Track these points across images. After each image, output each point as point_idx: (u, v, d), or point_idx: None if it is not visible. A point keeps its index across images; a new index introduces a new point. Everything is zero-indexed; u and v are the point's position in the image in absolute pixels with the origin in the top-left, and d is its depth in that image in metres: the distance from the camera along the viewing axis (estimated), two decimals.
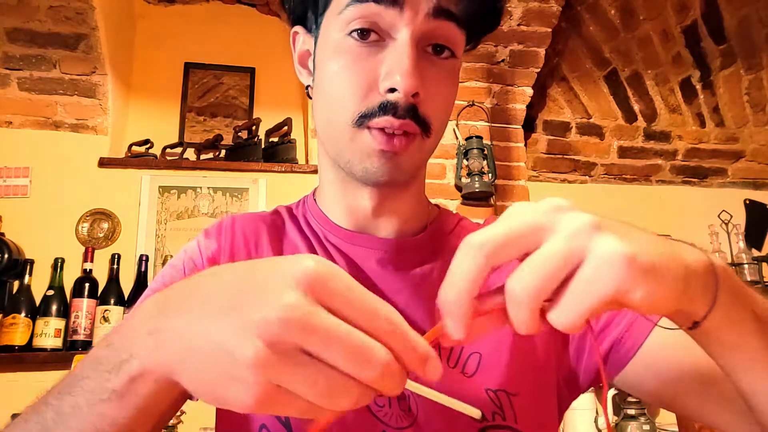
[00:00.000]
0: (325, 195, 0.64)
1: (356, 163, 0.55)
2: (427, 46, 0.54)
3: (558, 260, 0.31)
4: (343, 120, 0.54)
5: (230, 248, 0.63)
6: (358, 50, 0.53)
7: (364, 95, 0.53)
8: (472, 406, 0.55)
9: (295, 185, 2.24)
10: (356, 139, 0.54)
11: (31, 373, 1.86)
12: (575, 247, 0.31)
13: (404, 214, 0.63)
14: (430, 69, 0.54)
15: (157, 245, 2.12)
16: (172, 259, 0.64)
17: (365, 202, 0.60)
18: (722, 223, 2.95)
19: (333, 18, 0.55)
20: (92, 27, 2.04)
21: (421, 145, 0.55)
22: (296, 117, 2.45)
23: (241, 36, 2.59)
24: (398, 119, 0.52)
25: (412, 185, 0.62)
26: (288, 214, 0.68)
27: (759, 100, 2.91)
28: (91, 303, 1.93)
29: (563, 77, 2.80)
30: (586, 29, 2.65)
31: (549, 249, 0.31)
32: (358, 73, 0.53)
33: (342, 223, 0.63)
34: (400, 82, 0.51)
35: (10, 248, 1.93)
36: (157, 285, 0.62)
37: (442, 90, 0.56)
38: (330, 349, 0.28)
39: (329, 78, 0.56)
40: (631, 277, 0.30)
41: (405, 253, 0.62)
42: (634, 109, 2.94)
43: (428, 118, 0.54)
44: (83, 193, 2.10)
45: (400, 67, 0.51)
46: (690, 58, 2.77)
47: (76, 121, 2.17)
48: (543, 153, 2.87)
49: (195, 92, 2.51)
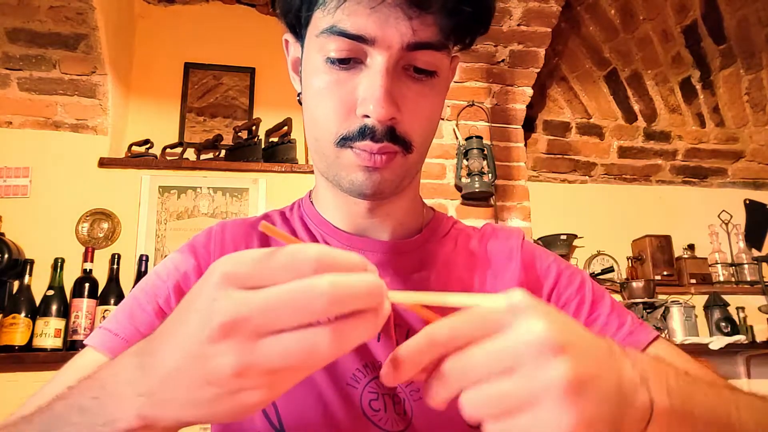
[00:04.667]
0: (322, 198, 0.65)
1: (343, 177, 0.56)
2: (406, 66, 0.54)
3: (518, 397, 0.31)
4: (327, 140, 0.56)
5: (219, 253, 0.62)
6: (337, 74, 0.54)
7: (344, 118, 0.54)
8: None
9: (295, 185, 2.24)
10: (340, 157, 0.55)
11: (31, 373, 1.86)
12: (538, 394, 0.30)
13: (399, 217, 0.64)
14: (409, 88, 0.54)
15: (157, 245, 2.12)
16: (158, 266, 0.63)
17: (360, 207, 0.61)
18: (722, 223, 2.95)
19: (312, 38, 0.55)
20: (92, 27, 2.04)
21: (402, 162, 0.56)
22: (296, 117, 2.45)
23: (241, 36, 2.59)
24: (377, 143, 0.53)
25: (405, 191, 0.62)
26: (281, 218, 0.68)
27: (759, 100, 2.91)
28: (91, 303, 1.94)
29: (563, 77, 2.81)
30: (585, 29, 2.65)
31: (517, 382, 0.31)
32: (337, 95, 0.54)
33: (340, 226, 0.63)
34: (372, 111, 0.52)
35: (10, 248, 1.93)
36: (139, 292, 0.60)
37: (422, 108, 0.56)
38: (275, 318, 0.29)
39: (312, 97, 0.57)
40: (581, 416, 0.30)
41: (402, 256, 0.63)
42: (634, 109, 2.94)
43: (408, 136, 0.55)
44: (83, 193, 2.10)
45: (372, 95, 0.51)
46: (690, 58, 2.77)
47: (76, 121, 2.17)
48: (543, 153, 2.87)
49: (195, 92, 2.51)
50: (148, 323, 0.57)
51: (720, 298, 2.70)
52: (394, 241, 0.63)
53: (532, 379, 0.31)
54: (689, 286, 2.72)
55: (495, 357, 0.31)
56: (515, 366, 0.31)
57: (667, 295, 2.67)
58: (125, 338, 0.55)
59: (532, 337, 0.31)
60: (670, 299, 2.63)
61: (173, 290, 0.59)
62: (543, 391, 0.30)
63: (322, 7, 0.52)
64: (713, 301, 2.69)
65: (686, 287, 2.72)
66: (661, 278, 2.69)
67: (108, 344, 0.55)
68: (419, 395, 0.56)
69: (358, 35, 0.51)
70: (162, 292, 0.59)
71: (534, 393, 0.30)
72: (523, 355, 0.31)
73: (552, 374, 0.30)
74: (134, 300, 0.59)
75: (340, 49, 0.52)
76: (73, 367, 0.56)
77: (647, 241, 2.75)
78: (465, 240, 0.67)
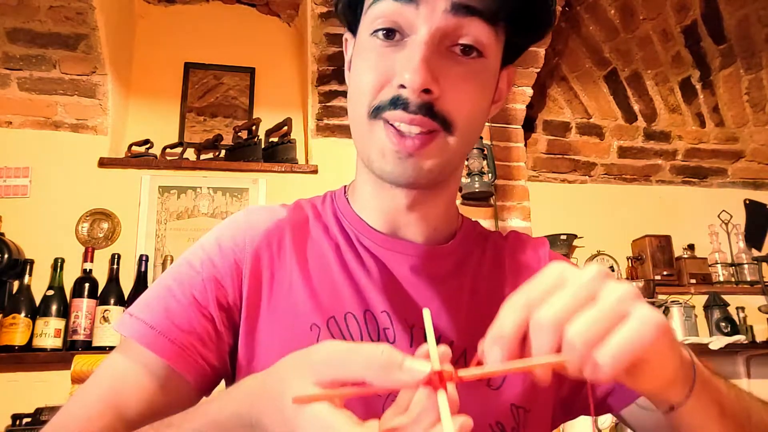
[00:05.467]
0: (359, 194, 0.64)
1: (374, 161, 0.55)
2: (452, 45, 0.54)
3: (609, 316, 0.35)
4: (361, 113, 0.55)
5: (253, 249, 0.60)
6: (381, 49, 0.54)
7: (379, 89, 0.54)
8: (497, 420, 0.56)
9: (295, 185, 2.24)
10: (373, 131, 0.55)
11: (31, 373, 1.86)
12: (622, 309, 0.36)
13: (435, 220, 0.62)
14: (453, 67, 0.53)
15: (157, 245, 2.12)
16: (189, 254, 0.61)
17: (398, 202, 0.60)
18: (722, 223, 2.95)
19: (363, 20, 0.57)
20: (92, 27, 2.04)
21: (443, 144, 0.54)
22: (296, 117, 2.45)
23: (241, 36, 2.59)
24: (409, 114, 0.52)
25: (444, 191, 0.61)
26: (312, 211, 0.66)
27: (759, 100, 2.91)
28: (91, 303, 1.94)
29: (563, 77, 2.80)
30: (586, 29, 2.65)
31: (601, 307, 0.36)
32: (377, 69, 0.54)
33: (375, 225, 0.62)
34: (408, 78, 0.51)
35: (10, 248, 1.93)
36: (172, 282, 0.58)
37: (465, 88, 0.54)
38: None
39: (354, 75, 0.58)
40: (661, 341, 0.36)
41: (436, 261, 0.62)
42: (634, 109, 2.94)
43: (449, 115, 0.53)
44: (83, 193, 2.10)
45: (410, 63, 0.51)
46: (690, 58, 2.77)
47: (76, 121, 2.17)
48: (543, 153, 2.87)
49: (195, 92, 2.51)
50: (184, 317, 0.55)
51: (720, 298, 2.70)
52: (428, 246, 0.62)
53: (621, 300, 0.36)
54: (689, 286, 2.72)
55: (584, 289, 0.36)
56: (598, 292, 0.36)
57: (667, 295, 2.67)
58: (161, 332, 0.54)
59: (618, 285, 0.37)
60: (670, 299, 2.63)
61: (209, 283, 0.58)
62: (631, 304, 0.36)
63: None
64: (713, 301, 2.69)
65: (686, 287, 2.72)
66: (661, 278, 2.69)
67: (147, 339, 0.54)
68: None
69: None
70: (197, 284, 0.57)
71: (623, 309, 0.35)
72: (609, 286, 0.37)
73: (636, 299, 0.36)
74: (168, 291, 0.57)
75: (385, 18, 0.53)
76: (120, 364, 0.55)
77: (647, 241, 2.75)
78: (493, 248, 0.68)
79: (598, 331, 0.35)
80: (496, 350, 0.36)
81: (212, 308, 0.56)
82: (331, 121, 2.36)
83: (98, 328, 1.90)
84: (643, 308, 0.36)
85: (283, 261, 0.60)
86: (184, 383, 0.54)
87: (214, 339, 0.56)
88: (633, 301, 0.36)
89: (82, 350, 1.86)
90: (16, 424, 1.70)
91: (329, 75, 2.33)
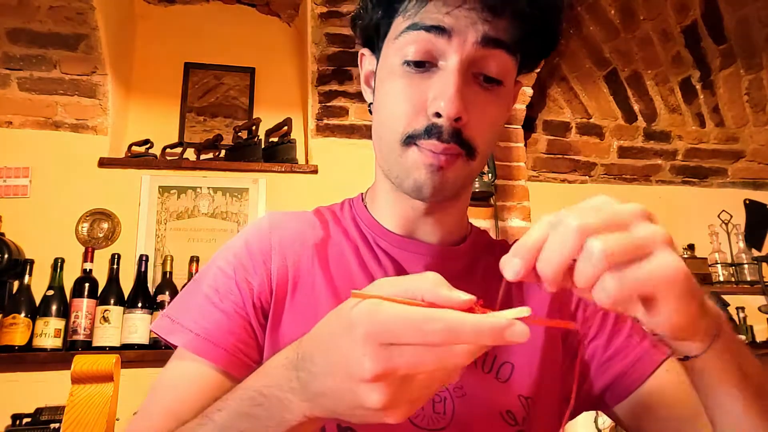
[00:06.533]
0: (378, 200, 0.68)
1: (404, 178, 0.59)
2: (477, 73, 0.57)
3: (634, 245, 0.35)
4: (393, 139, 0.58)
5: (280, 250, 0.64)
6: (411, 77, 0.57)
7: (413, 117, 0.57)
8: (508, 409, 0.59)
9: (295, 185, 2.24)
10: (404, 156, 0.58)
11: (31, 373, 1.86)
12: (649, 246, 0.36)
13: (449, 225, 0.66)
14: (477, 95, 0.57)
15: (157, 245, 2.12)
16: (220, 261, 0.65)
17: (416, 210, 0.64)
18: (722, 223, 2.95)
19: (391, 43, 0.59)
20: (92, 27, 2.04)
21: (464, 166, 0.58)
22: (296, 117, 2.45)
23: (241, 36, 2.59)
24: (443, 143, 0.56)
25: (458, 200, 0.65)
26: (332, 216, 0.70)
27: (759, 100, 2.91)
28: (91, 303, 1.93)
29: (563, 77, 2.81)
30: (586, 29, 2.65)
31: (630, 236, 0.36)
32: (409, 96, 0.57)
33: (392, 228, 0.66)
34: (443, 107, 0.54)
35: (10, 248, 1.93)
36: (207, 288, 0.62)
37: (487, 115, 0.58)
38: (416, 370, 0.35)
39: (384, 99, 0.60)
40: (679, 286, 0.36)
41: (450, 261, 0.65)
42: (634, 109, 2.94)
43: (473, 141, 0.57)
44: (83, 193, 2.10)
45: (445, 93, 0.54)
46: (690, 58, 2.77)
47: (76, 121, 2.17)
48: (543, 153, 2.88)
49: (195, 92, 2.51)
50: (226, 322, 0.60)
51: (720, 298, 2.70)
52: (442, 247, 0.66)
53: (651, 238, 0.36)
54: None
55: (619, 216, 0.37)
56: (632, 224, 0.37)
57: None
58: (209, 339, 0.59)
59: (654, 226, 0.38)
60: None
61: (242, 285, 0.62)
62: (658, 242, 0.36)
63: (403, 13, 0.57)
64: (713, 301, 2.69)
65: None
66: None
67: (197, 347, 0.58)
68: (462, 392, 0.59)
69: (436, 26, 0.54)
70: (232, 289, 0.62)
71: (649, 246, 0.36)
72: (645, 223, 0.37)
73: (666, 244, 0.37)
74: (206, 299, 0.61)
75: (417, 47, 0.56)
76: (178, 374, 0.59)
77: None
78: (500, 254, 0.69)
79: (619, 253, 0.35)
80: (515, 261, 0.38)
81: (248, 309, 0.61)
82: (331, 121, 2.36)
83: (98, 328, 1.90)
84: (669, 253, 0.36)
85: (307, 261, 0.64)
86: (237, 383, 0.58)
87: (253, 337, 0.61)
88: (662, 244, 0.36)
89: (82, 350, 1.86)
90: (16, 424, 1.70)
91: (329, 75, 2.33)
